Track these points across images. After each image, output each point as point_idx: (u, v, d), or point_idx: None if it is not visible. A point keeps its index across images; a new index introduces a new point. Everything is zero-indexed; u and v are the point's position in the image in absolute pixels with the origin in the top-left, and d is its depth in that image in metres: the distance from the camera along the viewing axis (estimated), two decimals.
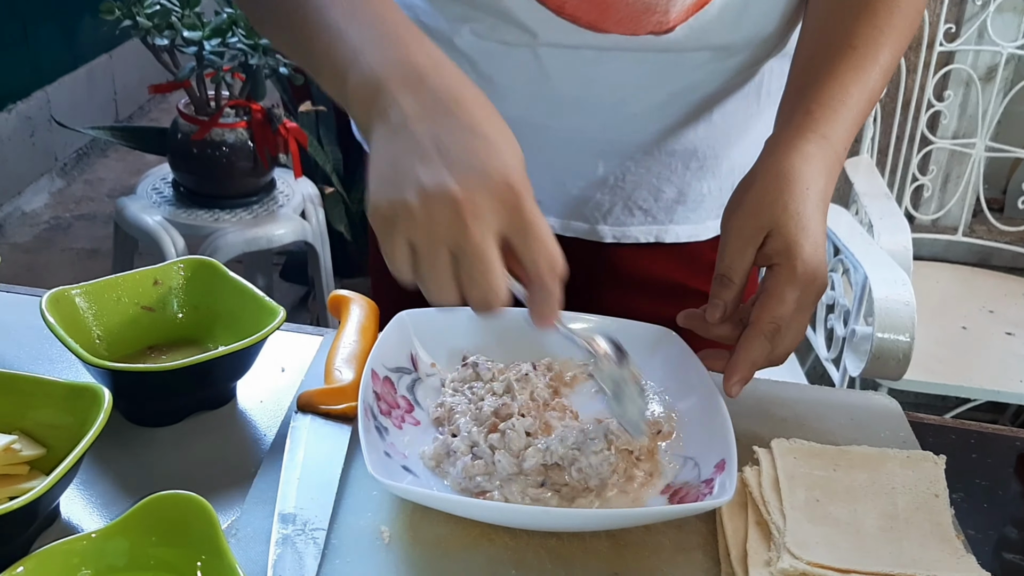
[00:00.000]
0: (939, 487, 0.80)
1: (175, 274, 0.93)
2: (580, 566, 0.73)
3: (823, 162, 0.85)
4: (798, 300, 0.82)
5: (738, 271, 0.84)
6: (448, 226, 0.64)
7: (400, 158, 0.66)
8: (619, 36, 0.91)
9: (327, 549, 0.72)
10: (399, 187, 0.65)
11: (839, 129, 0.87)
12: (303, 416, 0.83)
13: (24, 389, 0.77)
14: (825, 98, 0.87)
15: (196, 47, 2.05)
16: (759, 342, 0.81)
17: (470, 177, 0.64)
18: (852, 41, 0.89)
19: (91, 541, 0.67)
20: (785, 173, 0.84)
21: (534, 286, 0.69)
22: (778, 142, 0.87)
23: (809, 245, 0.82)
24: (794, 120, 0.87)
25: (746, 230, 0.84)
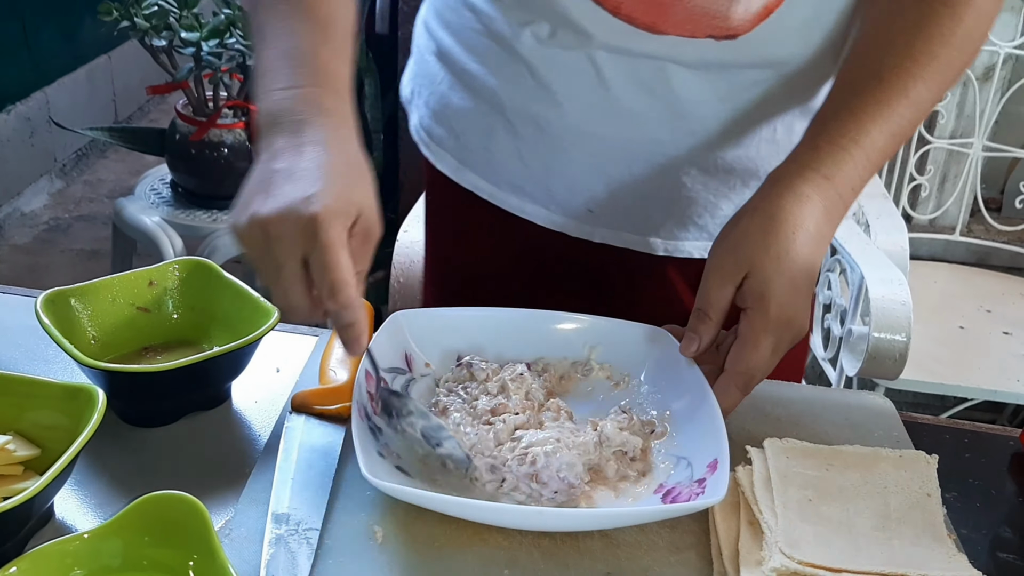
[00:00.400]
0: (931, 486, 0.80)
1: (170, 275, 0.93)
2: (573, 566, 0.73)
3: (820, 204, 0.82)
4: (773, 346, 0.81)
5: (715, 307, 0.83)
6: (260, 245, 0.72)
7: (251, 188, 0.74)
8: (675, 40, 0.89)
9: (320, 549, 0.72)
10: (241, 212, 0.73)
11: (846, 170, 0.83)
12: (297, 416, 0.84)
13: (19, 390, 0.77)
14: (836, 135, 0.84)
15: (194, 48, 2.05)
16: (731, 393, 0.81)
17: (281, 206, 0.71)
18: (881, 72, 0.85)
19: (84, 541, 0.68)
20: (773, 213, 0.82)
21: (329, 310, 0.73)
22: (777, 178, 0.84)
23: (786, 290, 0.81)
24: (799, 155, 0.85)
25: (725, 267, 0.82)
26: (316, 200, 0.71)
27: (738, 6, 0.87)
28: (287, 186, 0.72)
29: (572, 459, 0.78)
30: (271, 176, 0.74)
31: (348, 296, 0.72)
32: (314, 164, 0.74)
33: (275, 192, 0.72)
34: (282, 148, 0.75)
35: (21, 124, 3.36)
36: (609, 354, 0.92)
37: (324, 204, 0.71)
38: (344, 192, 0.73)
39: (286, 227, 0.71)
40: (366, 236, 0.76)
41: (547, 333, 0.92)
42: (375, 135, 2.68)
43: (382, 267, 2.68)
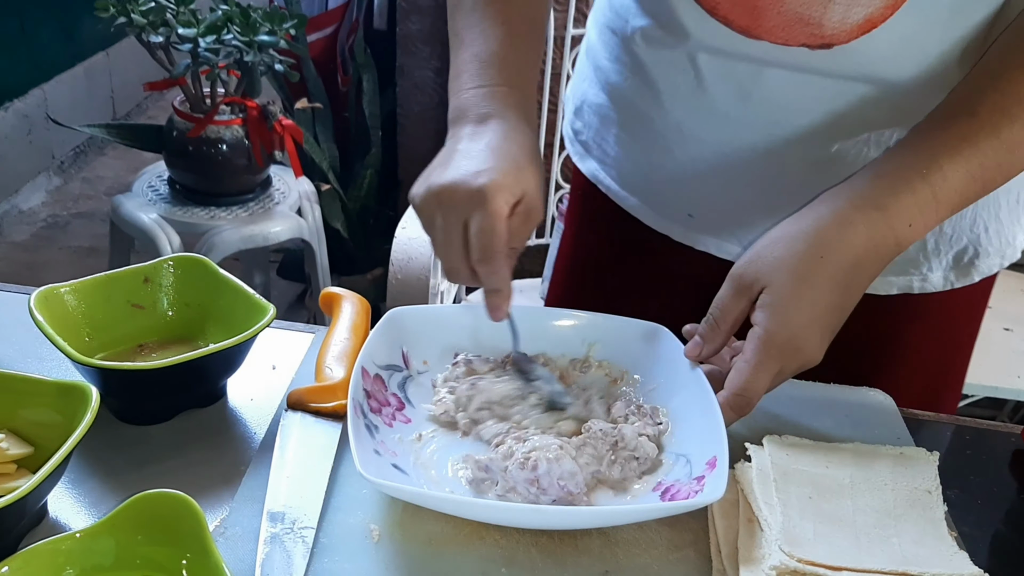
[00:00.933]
0: (932, 483, 0.79)
1: (165, 272, 0.93)
2: (572, 564, 0.73)
3: (865, 235, 0.78)
4: (776, 372, 0.79)
5: (727, 317, 0.82)
6: (432, 212, 0.81)
7: (437, 164, 0.83)
8: (771, 46, 0.87)
9: (316, 548, 0.72)
10: (423, 183, 0.82)
11: (905, 203, 0.79)
12: (293, 414, 0.83)
13: (12, 388, 0.77)
14: (904, 166, 0.80)
15: (191, 44, 2.05)
16: (727, 414, 0.79)
17: (455, 178, 0.80)
18: (975, 107, 0.80)
19: (77, 540, 0.67)
20: (808, 233, 0.79)
21: (479, 274, 0.81)
22: (826, 198, 0.82)
23: (802, 317, 0.78)
24: (857, 181, 0.82)
25: (744, 278, 0.81)
26: (485, 174, 0.79)
27: (833, 14, 0.83)
28: (463, 162, 0.81)
29: (574, 468, 0.77)
30: (452, 155, 0.83)
31: (498, 264, 0.79)
32: (489, 147, 0.82)
33: (452, 166, 0.81)
34: (465, 135, 0.85)
35: (19, 121, 3.35)
36: (608, 351, 0.91)
37: (491, 178, 0.79)
38: (512, 172, 0.80)
39: (456, 195, 0.79)
40: (527, 216, 0.82)
41: (546, 330, 0.91)
42: (373, 132, 2.67)
43: (380, 264, 2.69)
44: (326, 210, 2.49)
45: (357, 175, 2.69)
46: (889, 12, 0.82)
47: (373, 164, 2.68)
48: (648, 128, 1.01)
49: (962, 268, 0.99)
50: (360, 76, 2.67)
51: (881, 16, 0.83)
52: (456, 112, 0.88)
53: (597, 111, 1.07)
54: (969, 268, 0.99)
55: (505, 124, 0.85)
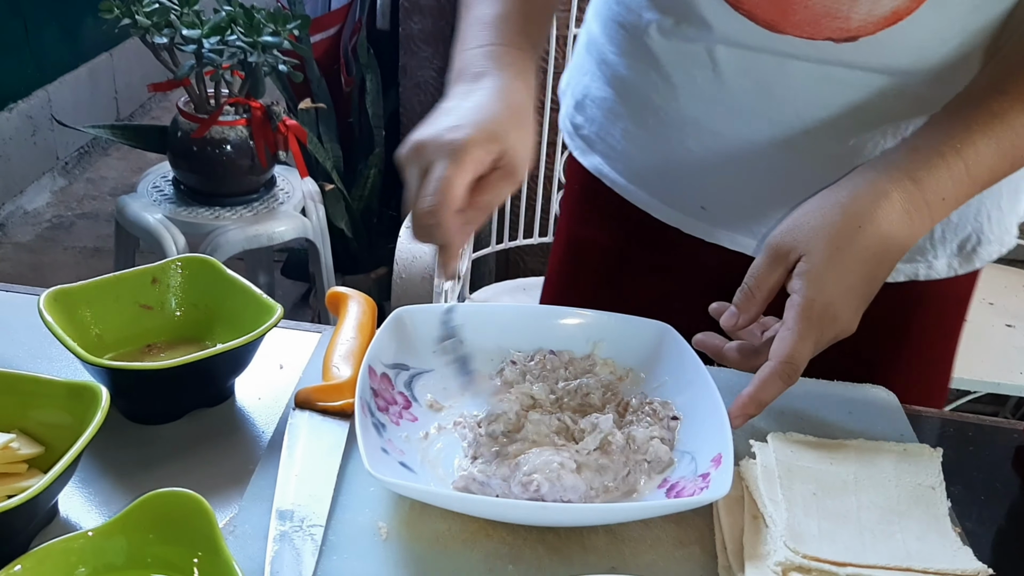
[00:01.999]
0: (936, 480, 0.80)
1: (173, 272, 0.93)
2: (578, 561, 0.73)
3: (900, 206, 0.79)
4: (816, 340, 0.79)
5: (763, 285, 0.82)
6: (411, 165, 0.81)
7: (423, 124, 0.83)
8: (796, 39, 0.87)
9: (325, 546, 0.72)
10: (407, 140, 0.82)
11: (939, 176, 0.80)
12: (301, 413, 0.84)
13: (23, 388, 0.77)
14: (938, 140, 0.81)
15: (195, 45, 2.05)
16: (774, 384, 0.79)
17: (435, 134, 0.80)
18: (1005, 86, 0.82)
19: (88, 539, 0.68)
20: (845, 204, 0.80)
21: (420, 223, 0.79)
22: (863, 171, 0.82)
23: (839, 285, 0.79)
24: (893, 153, 0.83)
25: (782, 247, 0.81)
26: (461, 129, 0.79)
27: (861, 7, 0.84)
28: (444, 118, 0.82)
29: (575, 482, 0.77)
30: (439, 113, 0.83)
31: (443, 215, 0.78)
32: (474, 104, 0.83)
33: (433, 122, 0.82)
34: (458, 93, 0.85)
35: (23, 122, 3.36)
36: (613, 349, 0.92)
37: (467, 134, 0.79)
38: (492, 128, 0.80)
39: (429, 148, 0.79)
40: (506, 174, 0.81)
41: (551, 328, 0.92)
42: (376, 131, 2.68)
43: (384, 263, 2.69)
44: (330, 210, 2.49)
45: (361, 175, 2.70)
46: (915, 5, 0.83)
47: (376, 164, 2.68)
48: (662, 121, 1.00)
49: (965, 255, 1.01)
50: (363, 76, 2.68)
51: (907, 8, 0.83)
52: (455, 73, 0.88)
53: (601, 105, 1.07)
54: (971, 255, 1.01)
55: (498, 82, 0.85)
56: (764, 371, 0.80)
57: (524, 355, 0.91)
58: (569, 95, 1.14)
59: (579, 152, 1.11)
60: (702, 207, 1.02)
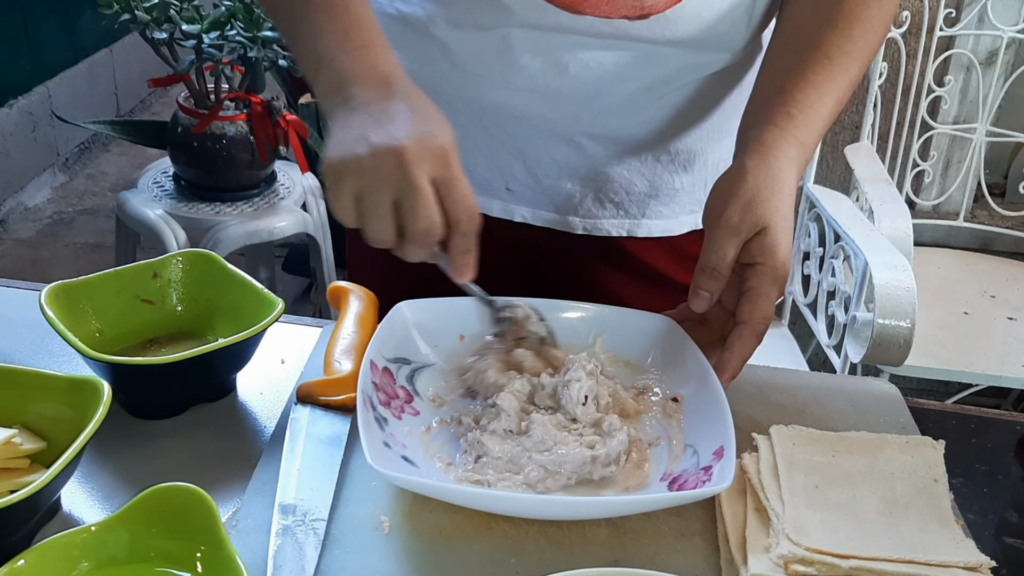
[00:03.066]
0: (938, 472, 0.80)
1: (174, 267, 0.93)
2: (580, 554, 0.73)
3: (796, 165, 0.88)
4: (776, 297, 0.85)
5: (726, 262, 0.85)
6: (392, 171, 0.76)
7: (355, 126, 0.79)
8: (593, 19, 0.91)
9: (327, 539, 0.72)
10: (351, 147, 0.77)
11: (813, 136, 0.90)
12: (303, 407, 0.84)
13: (25, 383, 0.78)
14: (805, 105, 0.89)
15: (195, 40, 2.05)
16: (752, 342, 0.84)
17: (412, 136, 0.77)
18: (828, 51, 0.91)
19: (91, 534, 0.68)
20: (775, 175, 0.86)
21: (454, 234, 0.79)
22: (765, 141, 0.88)
23: (787, 246, 0.86)
24: (776, 121, 0.89)
25: (741, 224, 0.85)
26: (443, 133, 0.79)
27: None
28: (408, 121, 0.78)
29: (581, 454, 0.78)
30: (378, 116, 0.79)
31: (477, 224, 0.79)
32: (422, 105, 0.81)
33: (396, 126, 0.77)
34: (376, 97, 0.81)
35: (23, 118, 3.36)
36: (614, 342, 0.92)
37: (448, 139, 0.79)
38: (451, 130, 0.80)
39: (421, 151, 0.76)
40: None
41: (552, 322, 0.92)
42: None
43: None
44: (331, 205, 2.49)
45: None
46: None
47: None
48: (457, 110, 0.99)
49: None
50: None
51: None
52: (342, 76, 0.83)
53: None
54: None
55: (408, 85, 0.83)
56: (741, 330, 0.84)
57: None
58: None
59: None
60: (508, 188, 1.06)
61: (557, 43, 0.94)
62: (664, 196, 1.08)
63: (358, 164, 0.77)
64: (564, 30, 0.93)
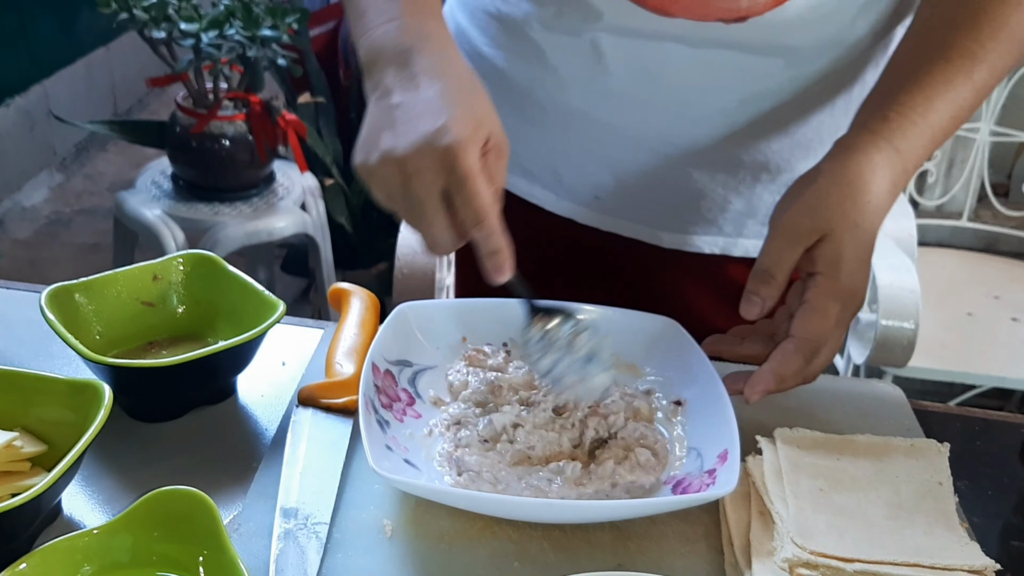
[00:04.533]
0: (943, 475, 0.79)
1: (174, 269, 0.93)
2: (584, 558, 0.73)
3: (889, 175, 0.82)
4: (838, 316, 0.80)
5: (783, 268, 0.81)
6: (397, 183, 0.73)
7: (374, 126, 0.76)
8: (685, 22, 0.86)
9: (329, 543, 0.72)
10: (369, 151, 0.75)
11: (914, 143, 0.83)
12: (304, 410, 0.83)
13: (25, 386, 0.77)
14: (906, 108, 0.83)
15: (193, 39, 2.05)
16: (795, 359, 0.79)
17: (416, 140, 0.72)
18: (948, 53, 0.84)
19: (93, 537, 0.67)
20: (851, 179, 0.81)
21: (472, 238, 0.74)
22: (849, 145, 0.83)
23: (856, 259, 0.80)
24: (870, 124, 0.84)
25: (800, 228, 0.80)
26: (448, 130, 0.71)
27: None
28: (415, 120, 0.73)
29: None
30: (392, 112, 0.75)
31: (492, 223, 0.73)
32: (434, 94, 0.74)
33: (403, 127, 0.73)
34: (394, 83, 0.76)
35: (20, 118, 3.35)
36: (617, 344, 0.91)
37: (456, 133, 0.71)
38: (470, 115, 0.73)
39: (423, 161, 0.72)
40: (498, 152, 0.76)
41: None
42: None
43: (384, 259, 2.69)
44: (330, 205, 2.49)
45: None
46: None
47: None
48: (547, 114, 0.99)
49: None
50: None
51: None
52: (369, 55, 0.80)
53: None
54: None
55: (431, 58, 0.77)
56: (786, 346, 0.80)
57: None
58: None
59: None
60: (596, 197, 1.02)
61: (647, 49, 0.90)
62: (764, 216, 1.00)
63: (370, 171, 0.75)
64: (655, 35, 0.89)
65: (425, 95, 0.75)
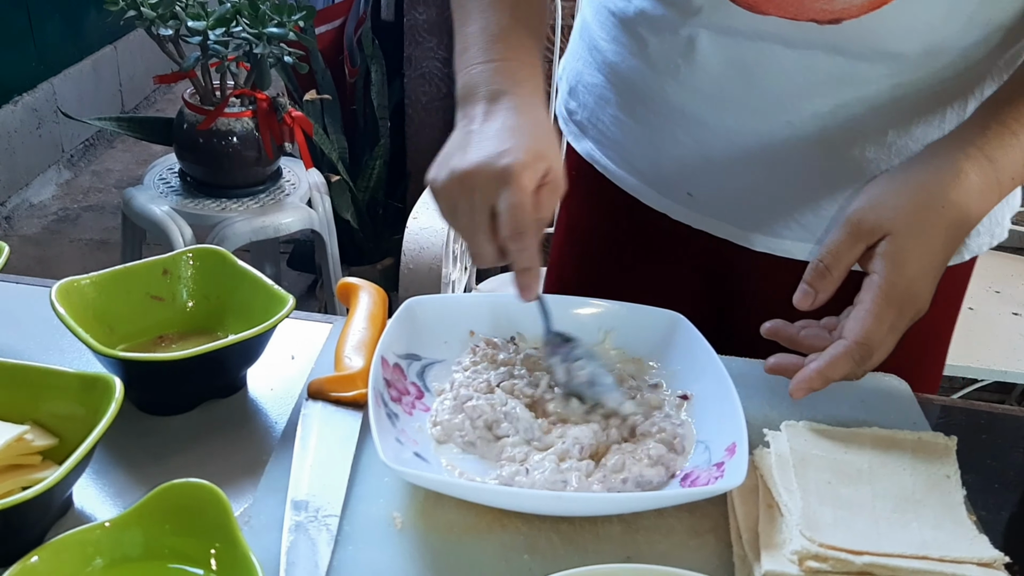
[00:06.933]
0: (951, 468, 0.80)
1: (184, 263, 0.93)
2: (593, 551, 0.73)
3: (977, 184, 0.79)
4: (893, 321, 0.79)
5: (841, 262, 0.80)
6: (456, 197, 0.81)
7: (450, 149, 0.83)
8: (781, 21, 0.85)
9: (340, 536, 0.72)
10: (440, 169, 0.82)
11: (1012, 155, 0.80)
12: (314, 403, 0.84)
13: (36, 380, 0.77)
14: (1009, 119, 0.81)
15: (201, 37, 2.05)
16: (844, 362, 0.78)
17: (479, 160, 0.80)
18: None
19: (105, 530, 0.68)
20: (927, 183, 0.79)
21: (507, 250, 0.80)
22: (938, 150, 0.82)
23: (919, 264, 0.78)
24: (966, 132, 0.82)
25: (864, 223, 0.80)
26: (508, 154, 0.79)
27: None
28: (484, 144, 0.81)
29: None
30: (468, 137, 0.83)
31: (529, 240, 0.79)
32: (506, 125, 0.82)
33: (473, 150, 0.81)
34: (478, 114, 0.84)
35: (28, 115, 3.36)
36: (624, 338, 0.92)
37: (515, 158, 0.79)
38: (533, 148, 0.80)
39: (481, 178, 0.79)
40: (554, 188, 0.82)
41: (563, 317, 0.92)
42: (382, 122, 2.67)
43: (390, 254, 2.69)
44: (336, 201, 2.49)
45: (366, 166, 2.70)
46: None
47: (382, 155, 2.68)
48: (649, 109, 1.00)
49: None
50: (368, 67, 2.67)
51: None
52: (466, 89, 0.87)
53: (593, 91, 1.07)
54: (961, 248, 0.97)
55: (517, 100, 0.85)
56: (836, 348, 0.79)
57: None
58: (565, 80, 1.13)
59: (572, 137, 1.11)
60: (689, 194, 1.02)
61: (743, 48, 0.90)
62: None
63: (437, 187, 0.82)
64: (750, 34, 0.88)
65: (499, 126, 0.82)
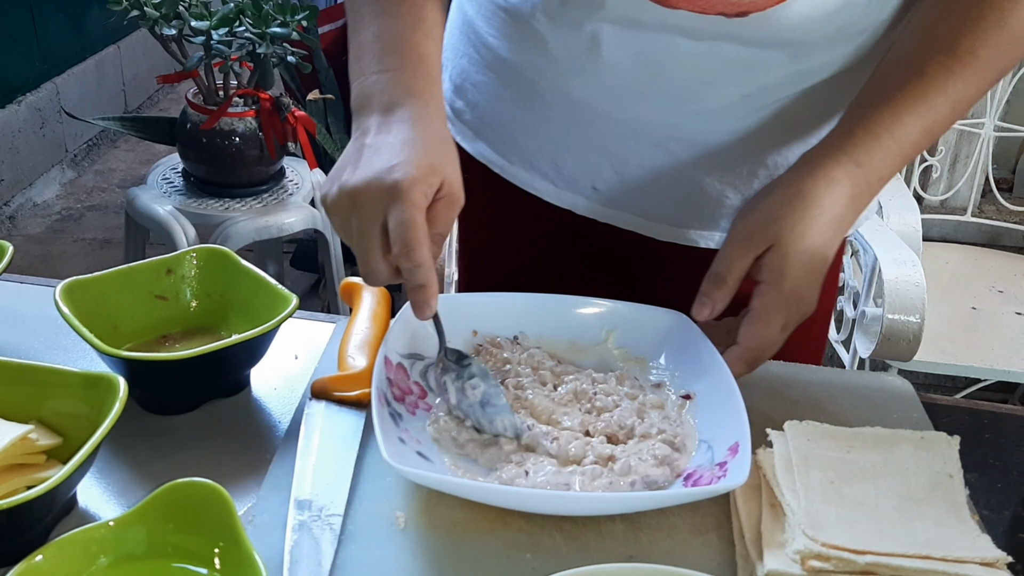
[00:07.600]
0: (953, 467, 0.80)
1: (188, 263, 0.94)
2: (596, 549, 0.74)
3: (848, 190, 0.84)
4: (783, 323, 0.83)
5: (734, 273, 0.84)
6: (346, 213, 0.79)
7: (342, 163, 0.81)
8: (687, 14, 0.85)
9: (343, 535, 0.73)
10: (331, 184, 0.80)
11: (878, 158, 0.85)
12: (317, 403, 0.84)
13: (40, 379, 0.78)
14: (872, 123, 0.85)
15: (204, 36, 2.05)
16: (738, 365, 0.84)
17: (369, 176, 0.78)
18: (923, 68, 0.85)
19: (109, 529, 0.68)
20: (804, 193, 0.84)
21: (402, 271, 0.78)
22: (810, 159, 0.86)
23: (802, 269, 0.83)
24: (834, 140, 0.86)
25: (753, 238, 0.84)
26: (398, 169, 0.77)
27: None
28: (374, 158, 0.79)
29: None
30: (360, 151, 0.80)
31: (421, 256, 0.76)
32: (399, 139, 0.80)
33: (364, 164, 0.79)
34: (371, 127, 0.82)
35: (32, 115, 3.36)
36: (627, 338, 0.92)
37: (406, 172, 0.76)
38: (426, 162, 0.78)
39: (370, 194, 0.77)
40: (449, 202, 0.80)
41: (566, 317, 0.92)
42: None
43: None
44: None
45: None
46: None
47: None
48: (550, 105, 0.99)
49: None
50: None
51: None
52: (359, 100, 0.85)
53: (484, 90, 1.05)
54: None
55: (412, 111, 0.82)
56: (731, 353, 0.84)
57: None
58: (446, 79, 1.09)
59: (464, 139, 1.08)
60: (594, 188, 1.03)
61: (650, 41, 0.90)
62: None
63: (329, 203, 0.80)
64: (657, 27, 0.88)
65: (392, 139, 0.80)
